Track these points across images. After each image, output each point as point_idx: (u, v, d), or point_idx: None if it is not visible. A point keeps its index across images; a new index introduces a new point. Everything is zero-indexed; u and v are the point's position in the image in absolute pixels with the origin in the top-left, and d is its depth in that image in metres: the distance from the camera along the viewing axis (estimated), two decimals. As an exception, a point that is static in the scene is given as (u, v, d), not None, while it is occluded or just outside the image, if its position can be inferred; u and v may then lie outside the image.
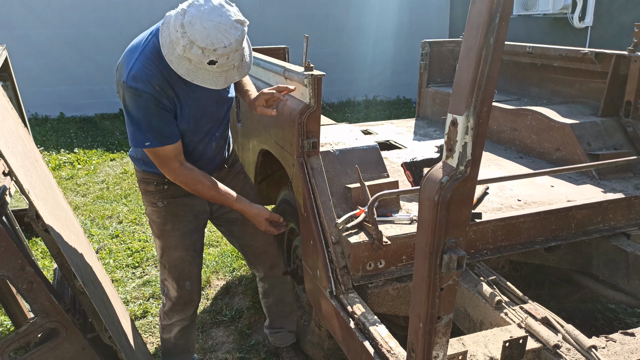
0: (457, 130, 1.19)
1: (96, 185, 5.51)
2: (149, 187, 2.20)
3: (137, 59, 1.88)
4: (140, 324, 3.08)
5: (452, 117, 1.20)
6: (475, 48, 1.13)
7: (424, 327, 1.31)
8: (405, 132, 3.72)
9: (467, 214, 1.27)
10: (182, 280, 2.30)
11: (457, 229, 1.26)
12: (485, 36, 1.11)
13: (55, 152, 6.50)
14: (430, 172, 1.26)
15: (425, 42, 4.02)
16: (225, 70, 1.83)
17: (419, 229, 1.29)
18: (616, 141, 2.79)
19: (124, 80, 1.87)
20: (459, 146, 1.19)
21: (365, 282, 2.00)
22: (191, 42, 1.71)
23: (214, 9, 1.72)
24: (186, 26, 1.70)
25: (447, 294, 1.31)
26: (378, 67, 9.67)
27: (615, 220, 2.41)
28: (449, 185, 1.20)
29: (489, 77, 1.15)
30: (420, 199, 1.27)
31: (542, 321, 1.75)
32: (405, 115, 8.41)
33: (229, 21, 1.73)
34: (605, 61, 2.92)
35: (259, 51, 3.38)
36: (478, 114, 1.16)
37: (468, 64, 1.16)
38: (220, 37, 1.72)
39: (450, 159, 1.23)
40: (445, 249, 1.25)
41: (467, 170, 1.20)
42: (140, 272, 3.67)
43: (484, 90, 1.15)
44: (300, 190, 2.18)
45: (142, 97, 1.86)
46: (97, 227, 4.42)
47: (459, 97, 1.19)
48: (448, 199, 1.20)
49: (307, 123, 2.13)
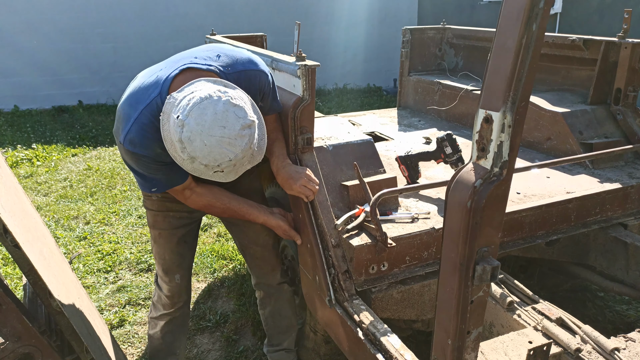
0: (492, 128, 1.07)
1: (58, 183, 5.18)
2: None
3: (135, 121, 1.67)
4: (118, 334, 2.87)
5: (486, 114, 1.09)
6: (515, 36, 1.01)
7: (453, 343, 1.20)
8: (389, 123, 3.61)
9: (500, 220, 1.16)
10: (172, 273, 2.19)
11: (491, 236, 1.15)
12: (526, 23, 0.99)
13: (11, 149, 6.08)
14: (460, 174, 1.14)
15: (406, 29, 3.91)
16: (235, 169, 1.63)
17: (447, 238, 1.17)
18: (606, 129, 2.76)
19: (120, 141, 1.70)
20: (494, 146, 1.08)
21: (369, 286, 1.88)
22: (192, 158, 1.52)
23: (215, 119, 1.48)
24: (185, 142, 1.49)
25: (477, 307, 1.20)
26: (348, 54, 9.53)
27: (612, 211, 2.37)
28: (483, 190, 1.09)
29: (530, 69, 1.03)
30: (449, 204, 1.15)
31: (557, 322, 1.68)
32: (377, 103, 8.33)
33: (233, 133, 1.50)
34: (594, 48, 2.88)
35: (236, 39, 3.18)
36: (517, 110, 1.05)
37: (506, 54, 1.04)
38: (225, 152, 1.51)
39: (483, 160, 1.11)
40: (478, 259, 1.14)
41: (503, 172, 1.09)
42: (113, 276, 3.45)
43: (524, 84, 1.04)
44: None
45: (142, 160, 1.73)
46: (62, 229, 4.14)
47: (494, 91, 1.07)
48: (482, 204, 1.09)
49: (300, 117, 1.99)
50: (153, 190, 1.87)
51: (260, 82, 1.84)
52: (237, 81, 1.74)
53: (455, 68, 4.04)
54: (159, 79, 1.72)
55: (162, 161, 1.74)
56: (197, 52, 1.82)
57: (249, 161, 1.63)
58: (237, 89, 1.62)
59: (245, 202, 2.03)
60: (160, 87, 1.69)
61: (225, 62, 1.78)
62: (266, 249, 2.27)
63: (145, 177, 1.82)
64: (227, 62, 1.78)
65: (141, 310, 3.08)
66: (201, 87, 1.55)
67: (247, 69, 1.81)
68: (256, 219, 2.05)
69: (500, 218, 1.14)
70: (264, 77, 1.86)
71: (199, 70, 1.71)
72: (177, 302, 2.28)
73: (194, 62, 1.73)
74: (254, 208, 2.04)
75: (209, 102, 1.49)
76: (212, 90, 1.52)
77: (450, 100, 3.51)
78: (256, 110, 1.65)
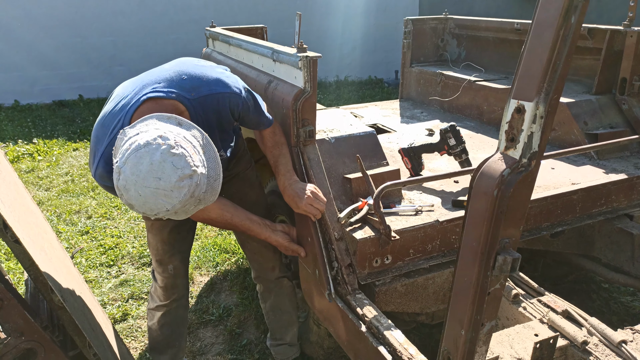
0: (524, 118, 1.06)
1: (60, 177, 5.17)
2: None
3: (101, 157, 1.64)
4: (121, 327, 2.87)
5: (518, 104, 1.08)
6: (553, 27, 0.99)
7: (466, 334, 1.19)
8: (391, 115, 3.58)
9: (523, 213, 1.15)
10: (165, 264, 2.19)
11: (513, 228, 1.14)
12: (565, 14, 0.97)
13: (12, 143, 6.07)
14: (488, 163, 1.14)
15: (407, 19, 3.86)
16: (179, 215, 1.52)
17: (469, 226, 1.15)
18: (612, 119, 2.73)
19: (93, 174, 1.71)
20: (524, 136, 1.07)
21: (373, 279, 1.87)
22: (130, 205, 1.45)
23: (151, 170, 1.37)
24: (122, 190, 1.42)
25: (493, 299, 1.19)
26: (349, 46, 9.47)
27: (618, 202, 2.35)
28: (510, 179, 1.08)
29: (566, 60, 1.01)
30: (474, 192, 1.14)
31: (564, 314, 1.67)
32: (379, 95, 8.29)
33: (169, 184, 1.39)
34: (599, 37, 2.84)
35: (236, 31, 3.15)
36: (550, 101, 1.03)
37: (542, 44, 1.02)
38: (161, 203, 1.41)
39: (512, 150, 1.10)
40: (499, 249, 1.13)
41: (532, 163, 1.08)
42: (116, 271, 3.44)
43: (559, 76, 1.02)
44: (296, 183, 2.01)
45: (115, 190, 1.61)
46: (64, 224, 4.13)
47: (528, 81, 1.06)
48: (509, 194, 1.07)
49: (302, 110, 1.96)
50: None
51: (230, 104, 1.76)
52: (203, 105, 1.69)
53: (457, 59, 4.00)
54: (124, 107, 1.68)
55: None
56: (163, 73, 1.74)
57: (196, 206, 1.53)
58: (192, 128, 1.52)
59: (248, 218, 1.99)
60: (122, 119, 1.65)
61: (190, 85, 1.69)
62: (264, 245, 2.24)
63: None
64: (193, 85, 1.70)
65: (144, 304, 3.07)
66: (147, 128, 1.46)
67: (213, 92, 1.72)
68: (258, 235, 2.02)
69: (524, 211, 1.13)
70: (235, 98, 1.77)
71: (160, 100, 1.64)
72: (172, 294, 2.27)
73: (157, 89, 1.66)
74: (255, 224, 2.00)
75: (146, 150, 1.38)
76: (154, 136, 1.41)
77: (453, 91, 3.47)
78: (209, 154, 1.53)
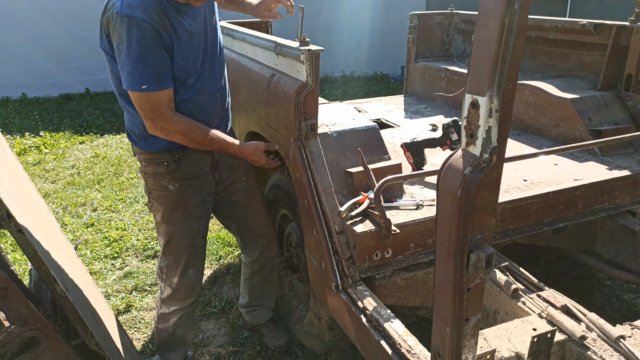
0: (479, 113, 1.02)
1: (66, 170, 5.20)
2: (159, 168, 2.05)
3: None
4: (125, 319, 2.90)
5: (472, 99, 1.04)
6: (497, 16, 0.95)
7: (451, 331, 1.19)
8: (395, 110, 3.58)
9: (493, 206, 1.13)
10: (187, 268, 2.20)
11: (484, 223, 1.12)
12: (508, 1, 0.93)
13: (19, 136, 6.12)
14: (450, 161, 1.10)
15: (413, 14, 3.85)
16: None
17: (440, 226, 1.14)
18: (616, 116, 2.71)
19: (117, 10, 1.72)
20: (482, 131, 1.03)
21: (373, 273, 1.88)
22: None
23: None
24: None
25: (474, 294, 1.18)
26: (355, 41, 9.45)
27: (621, 198, 2.34)
28: (473, 177, 1.05)
29: (514, 49, 0.98)
30: (440, 192, 1.12)
31: (563, 309, 1.67)
32: (385, 91, 8.27)
33: None
34: (605, 33, 2.82)
35: (242, 25, 3.15)
36: (503, 94, 1.00)
37: (488, 35, 0.98)
38: None
39: (472, 147, 1.07)
40: (472, 247, 1.11)
41: (493, 158, 1.05)
42: (120, 263, 3.47)
43: (509, 66, 0.99)
44: (298, 176, 2.02)
45: (139, 27, 1.71)
46: (69, 216, 4.17)
47: (479, 75, 1.02)
48: (473, 192, 1.06)
49: (304, 103, 1.97)
50: (143, 88, 1.79)
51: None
52: None
53: (463, 54, 3.99)
54: None
55: (160, 36, 1.76)
56: None
57: None
58: None
59: (220, 133, 2.05)
60: None
61: None
62: (266, 225, 2.43)
63: (137, 66, 1.76)
64: None
65: (147, 296, 3.10)
66: None
67: None
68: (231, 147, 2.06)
69: (494, 204, 1.11)
70: None
71: None
72: (190, 297, 2.29)
73: None
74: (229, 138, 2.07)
75: None
76: None
77: (458, 87, 3.46)
78: None
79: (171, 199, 2.09)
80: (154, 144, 2.01)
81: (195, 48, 1.93)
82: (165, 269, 2.22)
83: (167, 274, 2.22)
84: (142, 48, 1.74)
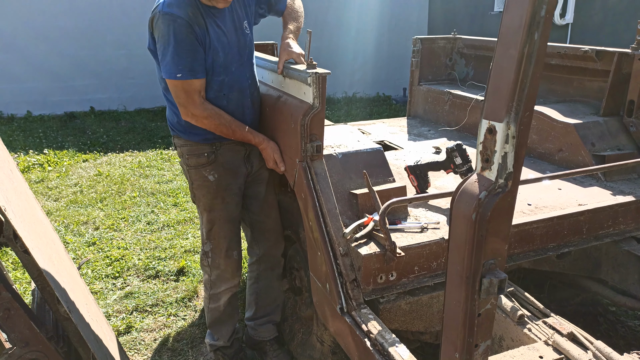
0: (496, 139, 1.05)
1: (69, 188, 5.21)
2: (200, 159, 2.27)
3: None
4: (125, 340, 2.87)
5: (489, 124, 1.06)
6: (517, 45, 0.98)
7: (461, 356, 1.18)
8: (398, 132, 3.60)
9: (506, 231, 1.14)
10: (231, 250, 2.42)
11: (497, 249, 1.13)
12: (528, 31, 0.97)
13: (23, 154, 6.14)
14: (464, 185, 1.12)
15: (416, 38, 3.91)
16: None
17: (452, 250, 1.15)
18: (619, 141, 2.73)
19: (159, 9, 1.99)
20: (498, 157, 1.05)
21: (377, 296, 1.87)
22: None
23: None
24: None
25: (484, 320, 1.18)
26: (357, 63, 9.55)
27: (625, 224, 2.34)
28: (487, 202, 1.06)
29: (533, 78, 1.01)
30: (454, 216, 1.13)
31: (569, 337, 1.65)
32: (387, 112, 8.33)
33: None
34: (607, 59, 2.85)
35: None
36: (520, 120, 1.02)
37: (508, 63, 1.01)
38: None
39: (487, 172, 1.08)
40: (484, 272, 1.11)
41: (508, 184, 1.07)
42: (121, 282, 3.45)
43: (527, 93, 1.02)
44: (303, 197, 2.03)
45: (176, 22, 1.97)
46: (71, 234, 4.16)
47: (497, 101, 1.04)
48: (487, 217, 1.06)
49: (310, 125, 1.98)
50: (178, 76, 2.02)
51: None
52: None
53: (465, 78, 4.03)
54: None
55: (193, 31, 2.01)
56: None
57: None
58: None
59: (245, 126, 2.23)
60: None
61: None
62: (276, 221, 2.57)
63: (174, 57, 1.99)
64: None
65: (148, 317, 3.08)
66: None
67: None
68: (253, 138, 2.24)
69: (507, 230, 1.12)
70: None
71: None
72: (237, 276, 2.50)
73: None
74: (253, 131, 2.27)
75: None
76: None
77: (461, 110, 3.49)
78: None
79: (212, 188, 2.29)
80: (194, 134, 2.23)
81: (224, 46, 2.14)
82: (211, 253, 2.42)
83: (213, 258, 2.43)
84: (178, 41, 1.99)
